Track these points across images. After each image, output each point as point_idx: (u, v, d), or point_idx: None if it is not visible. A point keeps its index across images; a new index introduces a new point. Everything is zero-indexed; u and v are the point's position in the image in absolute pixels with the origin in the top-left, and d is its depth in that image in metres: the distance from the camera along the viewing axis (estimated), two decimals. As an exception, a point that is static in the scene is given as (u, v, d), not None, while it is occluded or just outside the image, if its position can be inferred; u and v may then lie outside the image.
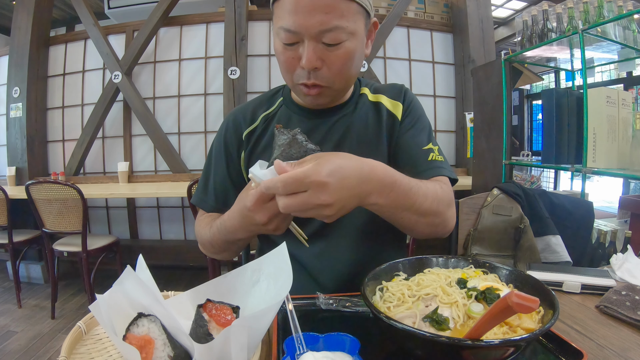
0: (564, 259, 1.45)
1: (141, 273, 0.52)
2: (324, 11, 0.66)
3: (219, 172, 0.89)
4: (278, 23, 0.70)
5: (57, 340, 2.21)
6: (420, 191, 0.69)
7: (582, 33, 1.51)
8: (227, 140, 0.89)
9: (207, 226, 0.82)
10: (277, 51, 0.74)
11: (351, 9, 0.68)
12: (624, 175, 1.67)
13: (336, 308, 0.67)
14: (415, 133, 0.85)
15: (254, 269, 0.56)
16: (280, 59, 0.74)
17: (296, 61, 0.71)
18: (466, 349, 0.45)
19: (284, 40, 0.70)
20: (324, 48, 0.69)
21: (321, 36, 0.67)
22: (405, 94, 0.89)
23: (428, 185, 0.73)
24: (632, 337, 0.62)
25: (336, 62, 0.71)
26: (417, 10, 3.49)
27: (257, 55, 3.30)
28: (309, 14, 0.66)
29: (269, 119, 0.88)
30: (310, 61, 0.69)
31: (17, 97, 3.30)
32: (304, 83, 0.73)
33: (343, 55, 0.70)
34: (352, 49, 0.71)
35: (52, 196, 2.35)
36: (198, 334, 0.47)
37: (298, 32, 0.67)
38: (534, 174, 2.96)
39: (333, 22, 0.66)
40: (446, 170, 0.82)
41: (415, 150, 0.83)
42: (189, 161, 3.38)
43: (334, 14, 0.66)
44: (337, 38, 0.68)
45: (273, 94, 0.92)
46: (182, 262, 3.32)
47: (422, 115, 0.88)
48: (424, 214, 0.70)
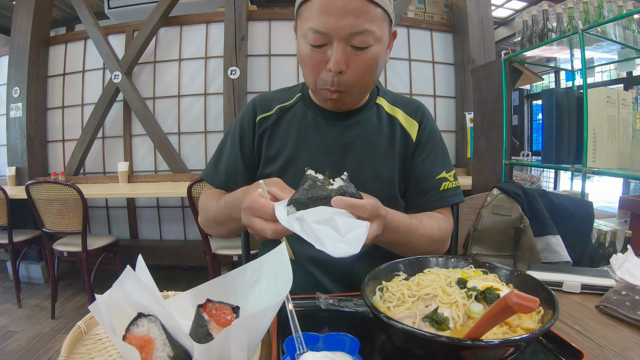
0: (564, 259, 1.45)
1: (141, 273, 0.52)
2: (355, 14, 0.66)
3: (233, 151, 0.90)
4: (306, 25, 0.70)
5: (57, 340, 2.20)
6: (418, 232, 0.75)
7: (582, 33, 1.51)
8: (243, 121, 0.90)
9: (214, 199, 0.83)
10: (302, 54, 0.74)
11: (379, 15, 0.69)
12: (624, 175, 1.67)
13: (336, 308, 0.67)
14: (429, 162, 0.86)
15: (254, 268, 0.56)
16: (307, 62, 0.73)
17: (322, 64, 0.71)
18: (466, 349, 0.45)
19: (312, 42, 0.70)
20: (352, 52, 0.69)
21: (351, 39, 0.68)
22: (423, 115, 0.89)
23: (426, 226, 0.78)
24: (632, 337, 0.62)
25: (360, 67, 0.71)
26: (417, 10, 3.49)
27: (257, 55, 3.30)
28: (340, 16, 0.66)
29: (284, 111, 0.89)
30: (339, 63, 0.69)
31: (17, 97, 3.30)
32: (327, 89, 0.73)
33: (369, 60, 0.71)
34: (377, 54, 0.72)
35: (52, 196, 2.35)
36: (198, 334, 0.47)
37: (328, 33, 0.67)
38: (534, 174, 2.96)
39: (364, 25, 0.67)
40: (456, 197, 0.86)
41: (429, 181, 0.85)
42: (189, 161, 3.39)
43: (364, 17, 0.67)
44: (366, 42, 0.68)
45: (293, 89, 0.93)
46: (182, 262, 3.32)
47: (438, 141, 0.89)
48: (415, 252, 0.75)
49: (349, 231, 0.54)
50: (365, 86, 0.77)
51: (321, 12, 0.67)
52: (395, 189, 0.85)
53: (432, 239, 0.79)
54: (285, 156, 0.86)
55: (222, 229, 0.84)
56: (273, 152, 0.87)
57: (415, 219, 0.77)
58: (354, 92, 0.76)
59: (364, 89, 0.78)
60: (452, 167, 0.89)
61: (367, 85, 0.77)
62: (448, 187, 0.86)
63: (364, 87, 0.77)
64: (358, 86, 0.75)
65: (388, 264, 0.64)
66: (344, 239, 0.54)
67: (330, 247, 0.52)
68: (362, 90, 0.78)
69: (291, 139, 0.86)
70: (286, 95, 0.91)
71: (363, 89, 0.77)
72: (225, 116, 3.17)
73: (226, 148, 0.92)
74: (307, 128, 0.86)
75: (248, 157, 0.90)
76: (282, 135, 0.87)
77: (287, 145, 0.86)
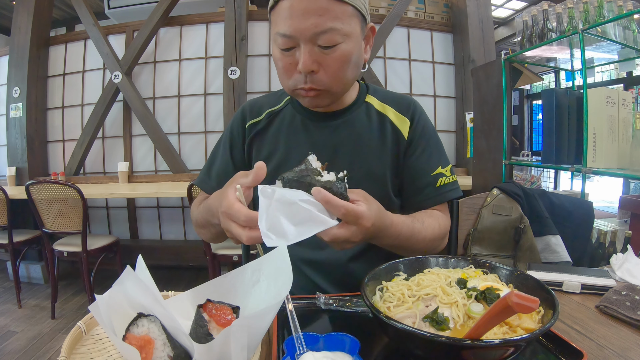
0: (564, 259, 1.45)
1: (141, 273, 0.52)
2: (318, 14, 0.66)
3: (224, 157, 0.91)
4: (275, 29, 0.71)
5: (57, 340, 2.21)
6: (420, 236, 0.76)
7: (582, 33, 1.51)
8: (233, 128, 0.92)
9: (199, 204, 0.85)
10: (275, 58, 0.75)
11: (346, 12, 0.69)
12: (624, 175, 1.67)
13: (336, 308, 0.67)
14: (424, 159, 0.85)
15: (254, 269, 0.56)
16: (279, 65, 0.74)
17: (293, 66, 0.72)
18: (466, 349, 0.45)
19: (280, 45, 0.71)
20: (320, 51, 0.69)
21: (316, 39, 0.68)
22: (415, 111, 0.88)
23: (428, 228, 0.78)
24: (632, 337, 0.62)
25: (332, 65, 0.71)
26: (417, 10, 3.49)
27: (257, 55, 3.30)
28: (303, 18, 0.66)
29: (273, 115, 0.90)
30: (306, 64, 0.69)
31: (17, 97, 3.30)
32: (302, 87, 0.73)
33: (339, 58, 0.71)
34: (348, 51, 0.71)
35: (52, 196, 2.35)
36: (198, 334, 0.47)
37: (293, 36, 0.68)
38: (534, 174, 2.96)
39: (327, 24, 0.67)
40: (453, 192, 0.86)
41: (425, 179, 0.84)
42: (189, 161, 3.39)
43: (328, 16, 0.67)
44: (332, 40, 0.68)
45: (282, 92, 0.93)
46: (182, 262, 3.32)
47: (431, 136, 0.88)
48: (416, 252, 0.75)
49: (303, 222, 0.54)
50: (343, 83, 0.76)
51: (286, 16, 0.67)
52: (388, 187, 0.85)
53: (433, 238, 0.80)
54: (276, 160, 0.86)
55: (207, 234, 0.84)
56: (263, 156, 0.87)
57: (418, 221, 0.77)
58: (332, 91, 0.75)
59: (343, 86, 0.77)
60: (448, 162, 0.88)
61: (345, 83, 0.76)
62: (445, 182, 0.85)
63: (342, 84, 0.76)
64: (335, 84, 0.74)
65: (388, 264, 0.64)
66: (290, 228, 0.53)
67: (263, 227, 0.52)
68: (340, 88, 0.77)
69: (281, 142, 0.87)
70: (275, 99, 0.92)
71: (341, 86, 0.76)
72: (225, 116, 3.18)
73: (218, 154, 0.93)
74: (296, 131, 0.87)
75: (239, 163, 0.91)
76: (272, 140, 0.88)
77: (278, 149, 0.87)
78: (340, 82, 0.75)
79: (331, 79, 0.72)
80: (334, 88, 0.75)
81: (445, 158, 0.88)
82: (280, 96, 0.93)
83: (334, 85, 0.74)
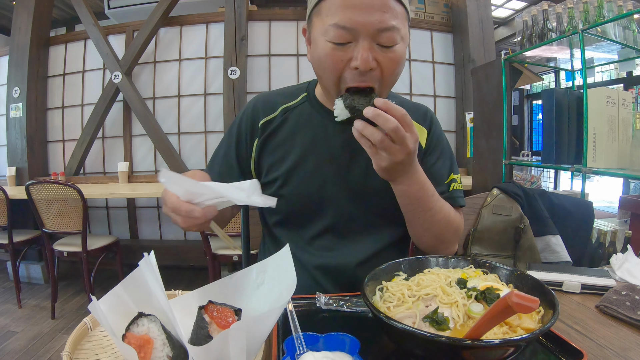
0: (564, 259, 1.45)
1: (150, 270, 0.52)
2: (382, 9, 0.63)
3: (228, 152, 0.88)
4: (328, 21, 0.65)
5: (57, 340, 2.20)
6: (439, 203, 0.76)
7: (582, 33, 1.51)
8: (241, 124, 0.88)
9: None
10: (321, 52, 0.68)
11: (403, 14, 0.67)
12: (624, 175, 1.67)
13: (336, 308, 0.67)
14: (439, 166, 0.86)
15: (260, 270, 0.56)
16: (327, 61, 0.68)
17: (344, 64, 0.66)
18: (466, 349, 0.45)
19: (334, 39, 0.65)
20: (378, 49, 0.65)
21: (378, 36, 0.64)
22: (432, 121, 0.88)
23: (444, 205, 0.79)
24: (632, 337, 0.62)
25: (390, 66, 0.67)
26: (417, 10, 3.49)
27: (257, 55, 3.30)
28: (366, 11, 0.62)
29: (288, 111, 0.86)
30: (367, 61, 0.64)
31: (17, 97, 3.30)
32: (356, 86, 0.67)
33: (395, 59, 0.67)
34: (403, 54, 0.68)
35: (52, 196, 2.35)
36: (199, 336, 0.47)
37: (354, 29, 0.63)
38: (534, 174, 2.96)
39: (390, 22, 0.64)
40: (461, 200, 0.86)
41: (439, 187, 0.84)
42: (189, 161, 3.38)
43: (391, 13, 0.64)
44: (393, 39, 0.65)
45: (298, 88, 0.90)
46: (182, 262, 3.32)
47: (445, 145, 0.89)
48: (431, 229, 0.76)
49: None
50: (391, 87, 0.72)
51: (345, 7, 0.63)
52: None
53: (448, 219, 0.79)
54: (292, 160, 0.82)
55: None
56: (278, 155, 0.84)
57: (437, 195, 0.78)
58: (382, 93, 0.70)
59: (389, 90, 0.74)
60: (458, 169, 0.89)
61: (392, 86, 0.73)
62: (456, 187, 0.86)
63: (390, 87, 0.72)
64: (387, 86, 0.70)
65: (388, 264, 0.64)
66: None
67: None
68: (388, 91, 0.73)
69: (297, 143, 0.83)
70: (290, 94, 0.88)
71: (389, 89, 0.73)
72: (225, 116, 3.17)
73: (222, 148, 0.90)
74: (314, 132, 0.83)
75: (244, 159, 0.87)
76: (287, 138, 0.84)
77: (294, 148, 0.83)
78: (390, 85, 0.71)
79: (385, 80, 0.68)
80: (385, 91, 0.71)
81: (456, 166, 0.89)
82: (296, 91, 0.88)
83: (386, 87, 0.70)
